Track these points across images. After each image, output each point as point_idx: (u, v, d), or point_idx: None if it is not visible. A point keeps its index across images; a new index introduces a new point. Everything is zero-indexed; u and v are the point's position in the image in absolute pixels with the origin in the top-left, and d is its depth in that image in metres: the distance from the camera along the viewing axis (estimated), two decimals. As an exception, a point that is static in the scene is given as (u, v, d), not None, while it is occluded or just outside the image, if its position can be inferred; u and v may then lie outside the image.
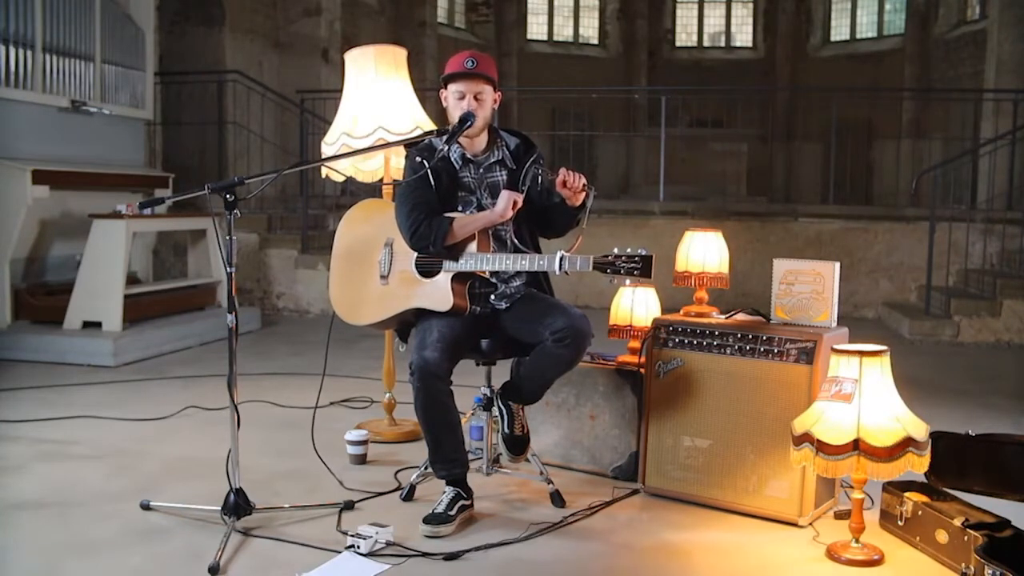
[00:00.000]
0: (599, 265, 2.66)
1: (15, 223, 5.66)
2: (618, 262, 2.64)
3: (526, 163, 3.01)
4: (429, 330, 2.86)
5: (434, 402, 2.82)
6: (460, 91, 2.91)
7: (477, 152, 3.01)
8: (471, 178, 3.00)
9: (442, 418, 2.87)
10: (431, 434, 2.90)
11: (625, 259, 2.63)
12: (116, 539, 2.73)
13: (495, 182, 3.01)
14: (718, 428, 3.01)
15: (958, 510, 2.65)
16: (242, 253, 7.62)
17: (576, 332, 2.76)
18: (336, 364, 5.45)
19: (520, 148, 3.05)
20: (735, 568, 2.61)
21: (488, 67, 2.95)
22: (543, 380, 2.94)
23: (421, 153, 2.97)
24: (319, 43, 9.41)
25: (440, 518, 2.78)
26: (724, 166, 11.16)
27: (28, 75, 5.79)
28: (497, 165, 3.03)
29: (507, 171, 3.02)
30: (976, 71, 10.60)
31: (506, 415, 2.97)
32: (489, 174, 3.02)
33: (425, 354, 2.78)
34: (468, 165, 3.01)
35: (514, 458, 2.97)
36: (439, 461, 2.93)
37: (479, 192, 3.00)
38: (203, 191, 2.73)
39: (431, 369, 2.77)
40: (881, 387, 2.56)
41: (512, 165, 3.03)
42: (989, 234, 7.59)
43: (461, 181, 2.99)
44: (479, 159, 3.01)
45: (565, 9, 15.46)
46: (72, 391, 4.71)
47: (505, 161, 3.03)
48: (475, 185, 3.00)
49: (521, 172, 3.00)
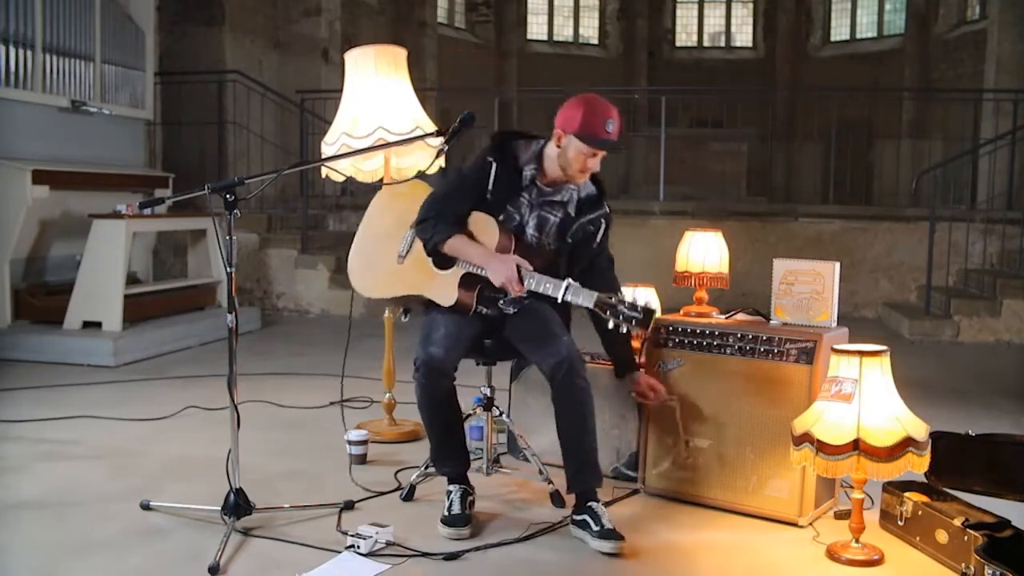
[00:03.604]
0: (600, 305, 2.61)
1: (15, 223, 5.67)
2: (620, 307, 2.58)
3: (586, 218, 2.92)
4: (435, 326, 2.86)
5: (438, 399, 2.82)
6: (593, 151, 2.79)
7: (549, 182, 2.91)
8: (528, 200, 2.92)
9: (445, 415, 2.87)
10: (434, 431, 2.90)
11: (628, 307, 2.58)
12: (116, 539, 2.73)
13: (546, 218, 2.93)
14: (718, 428, 3.01)
15: (958, 510, 2.64)
16: (242, 253, 7.62)
17: (568, 368, 2.71)
18: (336, 364, 5.45)
19: (590, 200, 2.95)
20: (735, 568, 2.61)
21: (620, 129, 2.81)
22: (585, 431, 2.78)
23: (495, 154, 2.89)
24: (319, 43, 9.41)
25: (461, 519, 2.77)
26: (724, 166, 11.16)
27: (28, 75, 5.79)
28: (559, 205, 2.93)
29: (564, 215, 2.93)
30: (976, 71, 10.60)
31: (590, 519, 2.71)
32: (546, 208, 2.93)
33: (431, 350, 2.77)
34: (533, 188, 2.91)
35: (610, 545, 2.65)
36: (442, 458, 2.93)
37: (527, 217, 2.92)
38: (203, 191, 2.73)
39: (436, 366, 2.76)
40: (881, 387, 2.56)
41: (572, 212, 2.93)
42: (989, 234, 7.60)
43: (518, 198, 2.91)
44: (546, 189, 2.92)
45: (565, 9, 15.46)
46: (72, 391, 4.71)
47: (568, 205, 2.93)
48: (527, 209, 2.92)
49: (575, 224, 2.91)
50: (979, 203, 8.35)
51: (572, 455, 2.80)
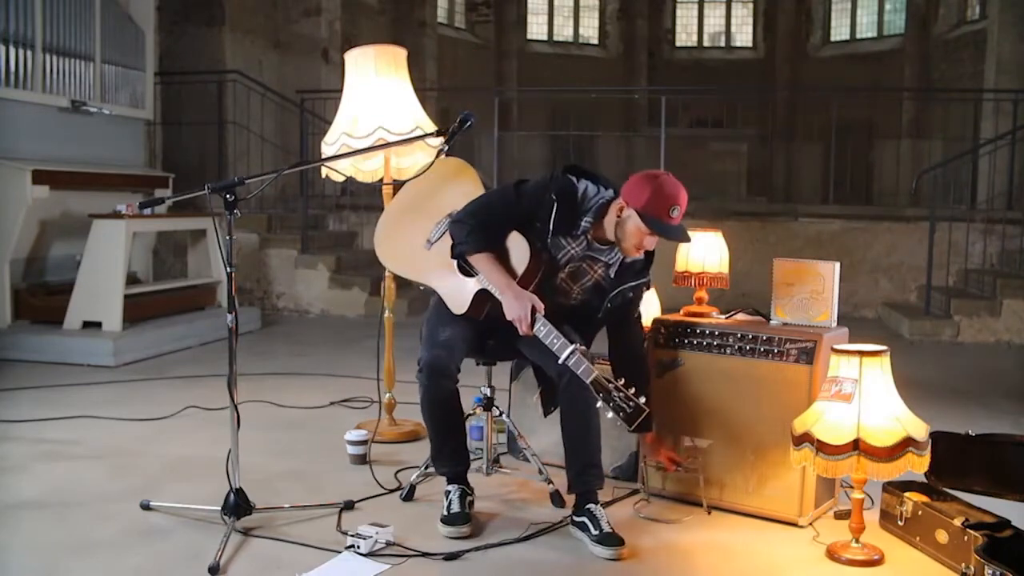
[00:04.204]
0: (595, 385, 2.55)
1: (15, 223, 5.67)
2: (614, 395, 2.52)
3: (627, 285, 2.85)
4: (441, 327, 2.86)
5: (441, 400, 2.82)
6: (651, 238, 2.76)
7: (600, 238, 2.83)
8: (571, 249, 2.83)
9: (447, 416, 2.87)
10: (435, 431, 2.90)
11: (622, 398, 2.51)
12: (116, 539, 2.73)
13: (584, 272, 2.87)
14: (718, 428, 3.01)
15: (958, 510, 2.64)
16: (242, 253, 7.62)
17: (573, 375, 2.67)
18: (336, 364, 5.47)
19: (636, 267, 2.86)
20: (735, 568, 2.61)
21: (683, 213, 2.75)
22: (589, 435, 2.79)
23: (562, 193, 2.77)
24: (319, 43, 9.41)
25: (460, 518, 2.78)
26: (724, 166, 11.15)
27: (28, 75, 5.79)
28: (602, 265, 2.87)
29: (603, 275, 2.86)
30: (976, 71, 10.59)
31: (589, 522, 2.71)
32: (587, 263, 2.86)
33: (435, 352, 2.78)
34: (582, 239, 2.82)
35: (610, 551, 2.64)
36: (442, 458, 2.93)
37: (564, 259, 2.84)
38: (203, 191, 2.73)
39: (439, 367, 2.77)
40: (881, 387, 2.56)
41: (612, 275, 2.86)
42: (989, 234, 7.59)
43: (564, 242, 2.82)
44: (594, 245, 2.84)
45: (565, 9, 15.46)
46: (72, 391, 4.71)
47: (611, 268, 2.86)
48: (566, 258, 2.84)
49: (615, 291, 2.84)
50: (979, 203, 8.36)
51: (575, 456, 2.81)
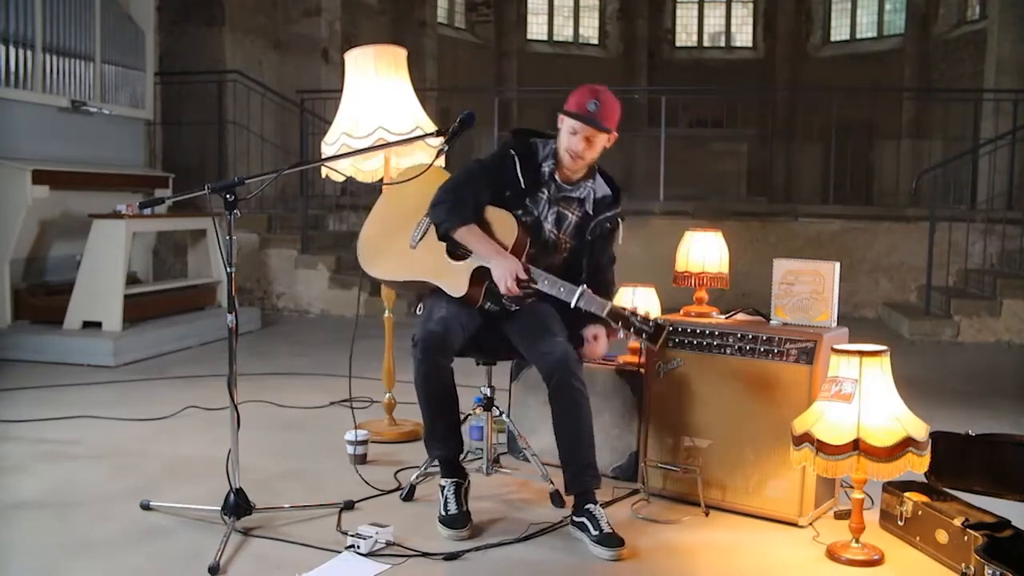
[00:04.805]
0: (613, 314, 2.63)
1: (15, 223, 5.67)
2: (632, 319, 2.60)
3: (603, 216, 2.96)
4: (438, 306, 2.87)
5: (434, 376, 2.81)
6: (574, 129, 2.84)
7: (567, 180, 2.95)
8: (547, 196, 2.94)
9: (440, 393, 2.85)
10: (428, 409, 2.88)
11: (640, 320, 2.60)
12: (116, 539, 2.73)
13: (565, 215, 2.96)
14: (718, 428, 3.01)
15: (958, 510, 2.65)
16: (242, 253, 7.62)
17: (562, 369, 2.73)
18: (336, 364, 5.46)
19: (606, 200, 2.98)
20: (735, 568, 2.61)
21: (609, 115, 2.84)
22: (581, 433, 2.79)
23: (519, 148, 2.93)
24: (319, 43, 9.41)
25: (460, 519, 2.76)
26: (724, 166, 11.16)
27: (28, 75, 5.79)
28: (576, 203, 2.97)
29: (582, 214, 2.97)
30: (976, 71, 10.60)
31: (589, 522, 2.71)
32: (564, 204, 2.96)
33: (430, 326, 2.79)
34: (552, 183, 2.94)
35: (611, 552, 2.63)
36: (434, 439, 2.92)
37: (545, 212, 2.94)
38: (203, 191, 2.73)
39: (434, 342, 2.77)
40: (881, 387, 2.56)
41: (590, 211, 2.96)
42: (989, 234, 7.60)
43: (536, 192, 2.93)
44: (565, 186, 2.95)
45: (565, 9, 15.45)
46: (72, 391, 4.71)
47: (586, 204, 2.96)
48: (545, 205, 2.94)
49: (593, 222, 2.95)
50: (979, 203, 8.36)
51: (569, 458, 2.80)
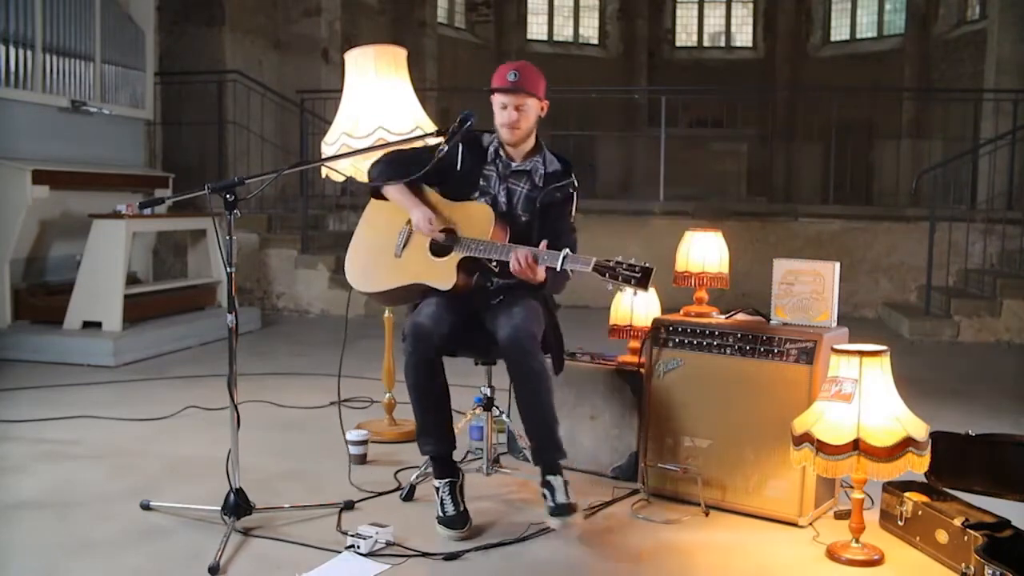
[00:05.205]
0: (599, 268, 2.68)
1: (15, 223, 5.66)
2: (618, 268, 2.66)
3: (552, 186, 3.01)
4: (428, 302, 2.91)
5: (424, 368, 2.83)
6: (503, 102, 2.95)
7: (514, 156, 3.03)
8: (496, 174, 3.03)
9: (431, 385, 2.86)
10: (419, 403, 2.90)
11: (626, 267, 2.65)
12: (116, 539, 2.73)
13: (514, 189, 3.03)
14: (718, 428, 3.01)
15: (958, 510, 2.65)
16: (242, 253, 7.62)
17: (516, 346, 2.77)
18: (336, 364, 5.45)
19: (556, 174, 3.04)
20: (735, 568, 2.61)
21: (530, 81, 2.95)
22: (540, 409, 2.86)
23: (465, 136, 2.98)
24: (319, 43, 9.40)
25: (458, 520, 2.76)
26: (724, 166, 11.15)
27: (28, 75, 5.79)
28: (525, 175, 3.03)
29: (531, 186, 3.03)
30: (976, 71, 10.59)
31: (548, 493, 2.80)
32: (513, 179, 3.04)
33: (419, 319, 2.83)
34: (498, 160, 3.03)
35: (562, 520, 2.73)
36: (425, 433, 2.93)
37: (497, 189, 3.03)
38: (203, 191, 2.73)
39: (423, 333, 2.79)
40: (881, 387, 2.56)
41: (540, 183, 3.02)
42: (989, 234, 7.60)
43: (484, 171, 3.03)
44: (512, 162, 3.03)
45: (565, 9, 15.44)
46: (72, 391, 4.71)
47: (534, 176, 3.03)
48: (496, 181, 3.03)
49: (542, 192, 3.01)
50: (979, 203, 8.35)
51: (531, 433, 2.88)
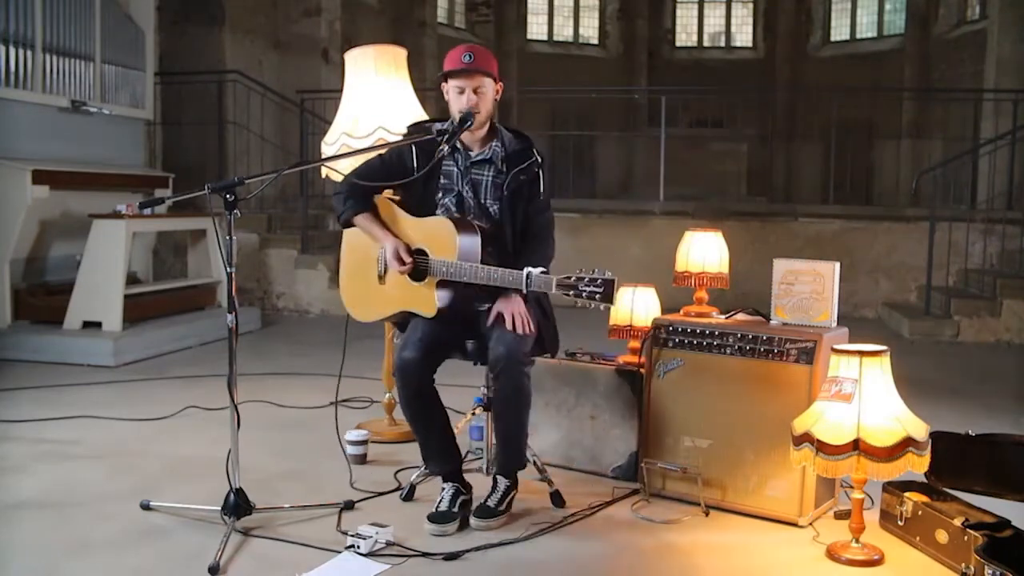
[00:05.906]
0: (561, 287, 2.65)
1: (15, 223, 5.66)
2: (580, 285, 2.62)
3: (517, 168, 2.94)
4: (414, 329, 2.90)
5: (416, 400, 2.87)
6: (460, 86, 2.89)
7: (471, 145, 2.98)
8: (457, 168, 2.98)
9: (426, 414, 2.90)
10: (418, 431, 2.94)
11: (587, 282, 2.62)
12: (116, 539, 2.73)
13: (479, 180, 2.97)
14: (718, 428, 3.01)
15: (958, 510, 2.65)
16: (242, 253, 7.62)
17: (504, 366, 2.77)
18: (336, 364, 5.45)
19: (517, 153, 2.97)
20: (735, 568, 2.61)
21: (485, 61, 2.92)
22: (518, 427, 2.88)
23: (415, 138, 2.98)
24: (319, 43, 9.40)
25: (445, 516, 2.80)
26: (724, 166, 11.16)
27: (28, 75, 5.79)
28: (486, 164, 2.97)
29: (495, 172, 2.97)
30: (976, 71, 10.58)
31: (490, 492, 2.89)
32: (475, 169, 2.97)
33: (404, 355, 2.84)
34: (456, 154, 2.97)
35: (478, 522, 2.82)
36: (430, 457, 2.97)
37: (461, 184, 2.97)
38: (203, 191, 2.73)
39: (410, 368, 2.82)
40: (881, 387, 2.56)
41: (502, 167, 2.96)
42: (989, 234, 7.59)
43: (444, 168, 2.97)
44: (470, 152, 2.98)
45: (565, 9, 15.44)
46: (72, 391, 4.71)
47: (495, 161, 2.96)
48: (458, 176, 2.98)
49: (508, 177, 2.94)
50: (979, 203, 8.35)
51: (502, 443, 2.91)
